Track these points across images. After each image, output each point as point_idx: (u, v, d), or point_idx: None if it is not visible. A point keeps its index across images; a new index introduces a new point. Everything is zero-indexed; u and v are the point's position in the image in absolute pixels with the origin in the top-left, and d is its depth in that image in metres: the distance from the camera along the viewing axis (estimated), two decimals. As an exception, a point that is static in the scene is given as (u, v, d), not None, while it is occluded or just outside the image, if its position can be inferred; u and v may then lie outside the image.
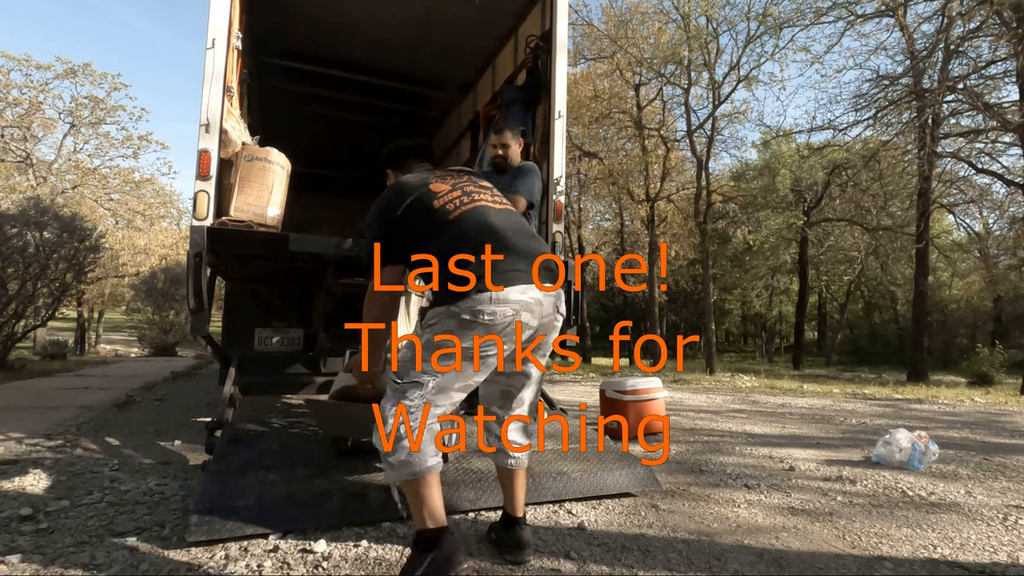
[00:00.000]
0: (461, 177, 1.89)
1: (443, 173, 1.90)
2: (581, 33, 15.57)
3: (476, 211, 1.73)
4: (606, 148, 17.96)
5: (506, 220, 1.76)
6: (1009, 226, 18.46)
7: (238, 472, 2.18)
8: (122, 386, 6.15)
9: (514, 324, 1.60)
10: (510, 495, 1.86)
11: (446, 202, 1.74)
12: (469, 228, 1.68)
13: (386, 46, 5.23)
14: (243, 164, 3.15)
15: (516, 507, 1.84)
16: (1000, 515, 2.36)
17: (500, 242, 1.65)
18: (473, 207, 1.74)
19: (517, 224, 1.79)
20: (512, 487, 1.85)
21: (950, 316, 26.95)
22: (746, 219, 23.03)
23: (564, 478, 2.39)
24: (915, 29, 12.55)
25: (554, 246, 3.63)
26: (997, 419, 5.38)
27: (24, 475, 2.60)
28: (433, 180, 1.82)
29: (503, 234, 1.68)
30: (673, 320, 33.76)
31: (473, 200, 1.77)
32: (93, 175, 19.07)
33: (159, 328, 14.00)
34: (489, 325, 1.57)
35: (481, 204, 1.77)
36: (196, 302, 2.80)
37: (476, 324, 1.57)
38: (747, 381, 9.64)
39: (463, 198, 1.77)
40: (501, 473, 1.88)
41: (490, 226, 1.69)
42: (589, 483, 2.41)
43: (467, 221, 1.70)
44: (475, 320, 1.56)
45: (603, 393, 4.12)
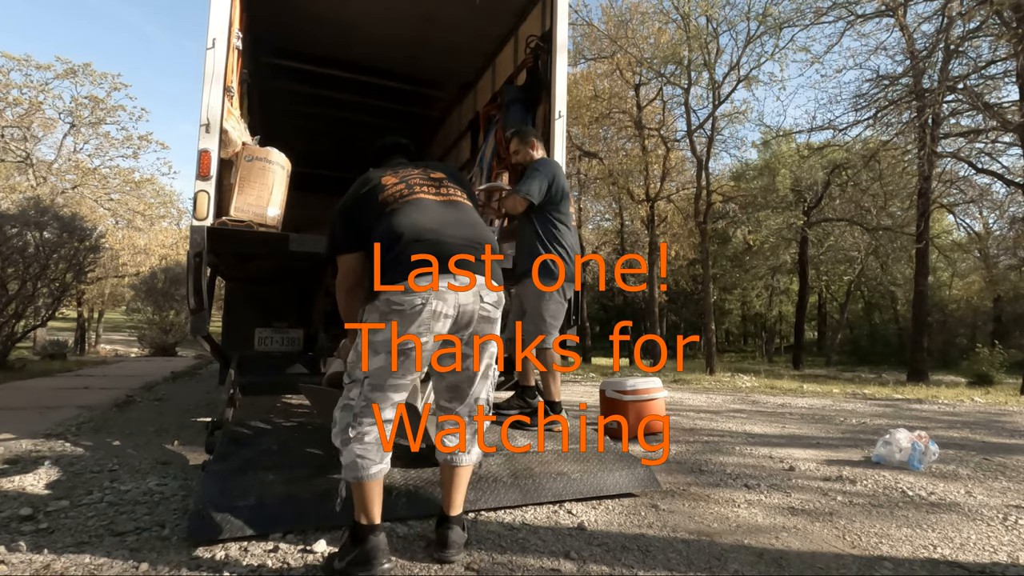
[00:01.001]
0: (414, 171, 1.94)
1: (402, 167, 1.97)
2: (581, 33, 15.58)
3: (411, 204, 1.79)
4: (606, 148, 17.95)
5: (440, 213, 1.80)
6: (1009, 226, 18.46)
7: (238, 472, 2.18)
8: (122, 386, 6.15)
9: (428, 313, 1.63)
10: (445, 491, 1.85)
11: (388, 195, 1.82)
12: (400, 221, 1.74)
13: (386, 46, 5.23)
14: (243, 164, 3.16)
15: (449, 505, 1.83)
16: (1000, 515, 2.36)
17: (423, 234, 1.71)
18: (409, 200, 1.80)
19: (452, 216, 1.82)
20: (449, 484, 1.84)
21: (950, 316, 26.94)
22: (746, 219, 23.02)
23: (564, 479, 2.38)
24: (915, 29, 12.56)
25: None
26: (997, 419, 5.38)
27: (24, 475, 2.59)
28: (388, 174, 1.91)
29: (429, 226, 1.73)
30: (673, 320, 33.74)
31: (413, 193, 1.83)
32: (93, 175, 19.06)
33: (159, 328, 13.99)
34: (400, 314, 1.62)
35: (418, 197, 1.82)
36: (196, 302, 2.80)
37: (390, 314, 1.64)
38: (747, 381, 9.64)
39: (404, 191, 1.83)
40: (441, 468, 1.87)
41: (417, 219, 1.75)
42: (589, 484, 2.41)
43: (399, 214, 1.76)
44: (389, 311, 1.64)
45: (603, 393, 4.12)
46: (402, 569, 1.71)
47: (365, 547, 1.63)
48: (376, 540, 1.64)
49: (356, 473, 1.65)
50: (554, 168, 3.18)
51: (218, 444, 2.44)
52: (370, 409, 1.67)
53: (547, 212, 3.12)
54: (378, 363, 1.67)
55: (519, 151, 3.34)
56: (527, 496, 2.26)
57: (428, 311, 1.63)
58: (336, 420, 1.73)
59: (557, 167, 3.22)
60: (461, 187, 1.98)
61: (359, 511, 1.67)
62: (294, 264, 3.77)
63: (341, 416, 1.71)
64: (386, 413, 1.70)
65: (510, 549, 1.88)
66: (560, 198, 3.13)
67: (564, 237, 3.12)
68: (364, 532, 1.65)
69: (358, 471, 1.65)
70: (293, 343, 4.31)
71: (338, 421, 1.72)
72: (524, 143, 3.33)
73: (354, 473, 1.65)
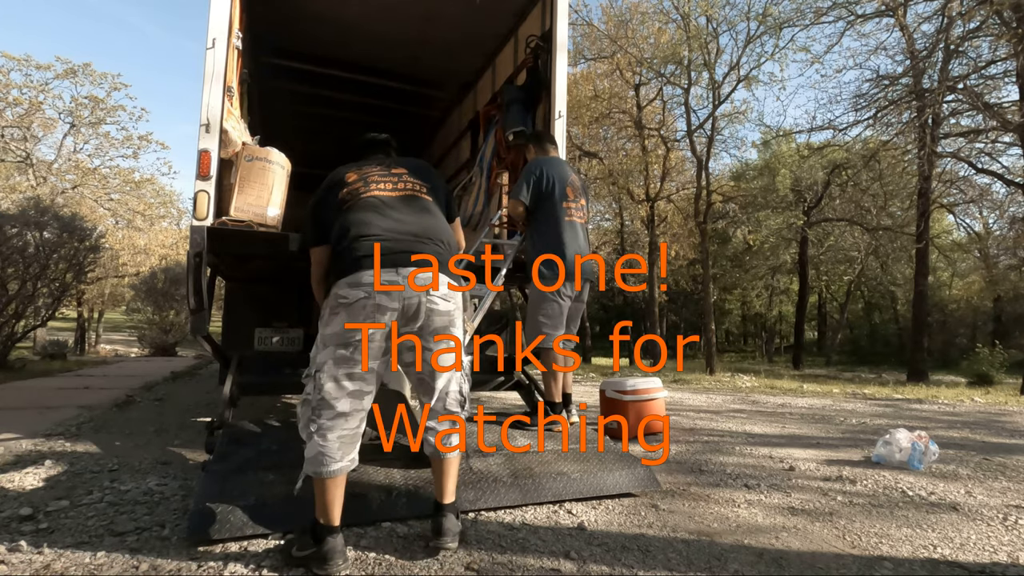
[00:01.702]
0: (376, 167, 1.98)
1: (366, 163, 2.01)
2: (581, 33, 15.57)
3: (363, 200, 1.85)
4: (606, 148, 17.94)
5: (393, 207, 1.85)
6: (1009, 226, 18.46)
7: (238, 472, 2.18)
8: (122, 386, 6.15)
9: (371, 307, 1.68)
10: (436, 481, 1.88)
11: (346, 193, 1.88)
12: (350, 218, 1.80)
13: (386, 46, 5.23)
14: (243, 164, 3.15)
15: (441, 493, 1.86)
16: (1000, 515, 2.36)
17: (370, 229, 1.76)
18: (363, 196, 1.85)
19: (406, 211, 1.86)
20: (436, 473, 1.88)
21: (950, 316, 26.94)
22: (746, 219, 23.02)
23: (564, 478, 2.38)
24: (915, 29, 12.55)
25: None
26: (997, 419, 5.38)
27: (24, 475, 2.60)
28: (352, 170, 1.96)
29: (377, 221, 1.79)
30: (673, 320, 33.73)
31: (369, 190, 1.88)
32: (93, 175, 19.06)
33: (159, 328, 13.99)
34: (347, 307, 1.68)
35: (373, 194, 1.87)
36: (196, 302, 2.80)
37: (337, 307, 1.70)
38: (747, 381, 9.64)
39: (360, 189, 1.88)
40: (431, 460, 1.91)
41: (366, 216, 1.80)
42: (589, 483, 2.41)
43: (352, 211, 1.82)
44: (336, 304, 1.70)
45: (603, 393, 4.12)
46: (402, 569, 1.71)
47: (323, 548, 1.64)
48: (334, 542, 1.65)
49: (315, 468, 1.67)
50: (541, 165, 3.16)
51: (218, 444, 2.44)
52: (327, 403, 1.69)
53: (547, 210, 3.11)
54: (327, 356, 1.71)
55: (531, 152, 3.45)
56: (527, 496, 2.26)
57: (372, 304, 1.68)
58: (299, 415, 1.77)
59: (545, 164, 3.19)
60: (424, 181, 2.00)
61: (319, 510, 1.69)
62: (294, 264, 3.76)
63: (302, 411, 1.76)
64: (340, 405, 1.70)
65: (510, 549, 1.88)
66: (556, 195, 3.11)
67: (565, 234, 3.10)
68: (323, 532, 1.66)
69: (317, 466, 1.67)
70: (293, 343, 4.31)
71: (300, 416, 1.76)
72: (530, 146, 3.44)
73: (314, 468, 1.68)
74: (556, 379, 3.12)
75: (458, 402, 1.89)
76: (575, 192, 3.22)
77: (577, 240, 3.17)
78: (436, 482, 1.89)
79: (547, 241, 3.10)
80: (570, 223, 3.15)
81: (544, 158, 3.28)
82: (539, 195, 3.10)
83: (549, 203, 3.12)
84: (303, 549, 1.68)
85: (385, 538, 1.93)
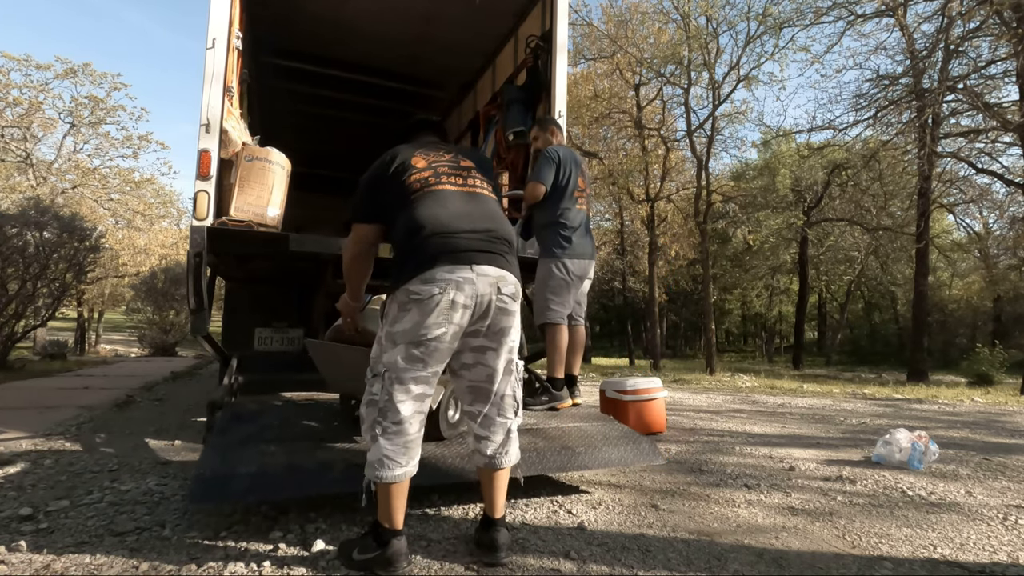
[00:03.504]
0: (444, 155, 1.90)
1: (433, 148, 1.93)
2: (581, 33, 15.57)
3: (433, 195, 1.77)
4: (606, 148, 17.94)
5: (462, 204, 1.79)
6: (1009, 226, 18.43)
7: (239, 445, 2.16)
8: (122, 386, 6.15)
9: (446, 303, 1.62)
10: (486, 495, 1.82)
11: (415, 180, 1.80)
12: (422, 213, 1.73)
13: (386, 46, 5.23)
14: (243, 164, 3.16)
15: (493, 508, 1.81)
16: (1000, 515, 2.36)
17: (443, 225, 1.70)
18: (433, 190, 1.78)
19: (474, 209, 1.80)
20: (490, 487, 1.81)
21: (950, 316, 26.94)
22: (746, 219, 23.02)
23: (568, 452, 2.37)
24: (915, 29, 12.55)
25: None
26: (997, 419, 5.38)
27: (24, 475, 2.60)
28: (418, 154, 1.87)
29: (449, 219, 1.72)
30: (673, 320, 33.74)
31: (440, 182, 1.81)
32: (93, 175, 19.05)
33: (159, 328, 13.99)
34: (419, 303, 1.62)
35: (443, 188, 1.80)
36: (196, 302, 2.80)
37: (409, 304, 1.63)
38: (747, 381, 9.65)
39: (431, 179, 1.81)
40: (479, 473, 1.85)
41: (438, 211, 1.73)
42: (593, 457, 2.40)
43: (422, 205, 1.75)
44: (408, 300, 1.63)
45: (603, 393, 4.12)
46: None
47: (387, 551, 1.63)
48: (398, 544, 1.64)
49: (378, 472, 1.62)
50: (559, 153, 3.19)
51: (219, 421, 2.43)
52: (394, 405, 1.63)
53: (559, 196, 3.14)
54: (396, 355, 1.64)
55: (539, 137, 3.42)
56: (530, 468, 2.24)
57: (446, 300, 1.61)
58: (363, 416, 1.71)
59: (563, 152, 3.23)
60: (487, 178, 1.95)
61: (382, 514, 1.65)
62: (294, 264, 3.77)
63: (367, 412, 1.69)
64: (406, 408, 1.65)
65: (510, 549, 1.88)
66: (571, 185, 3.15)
67: (571, 218, 3.13)
68: (387, 535, 1.64)
69: (381, 470, 1.62)
70: (293, 343, 4.31)
71: (365, 417, 1.70)
72: (543, 130, 3.41)
73: (376, 472, 1.63)
74: (560, 357, 3.09)
75: (512, 408, 1.83)
76: (585, 182, 3.29)
77: (587, 229, 3.24)
78: (488, 496, 1.81)
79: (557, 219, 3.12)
80: (579, 211, 3.20)
81: (561, 147, 3.32)
82: (556, 182, 3.14)
83: (563, 191, 3.16)
84: (365, 552, 1.66)
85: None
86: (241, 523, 2.04)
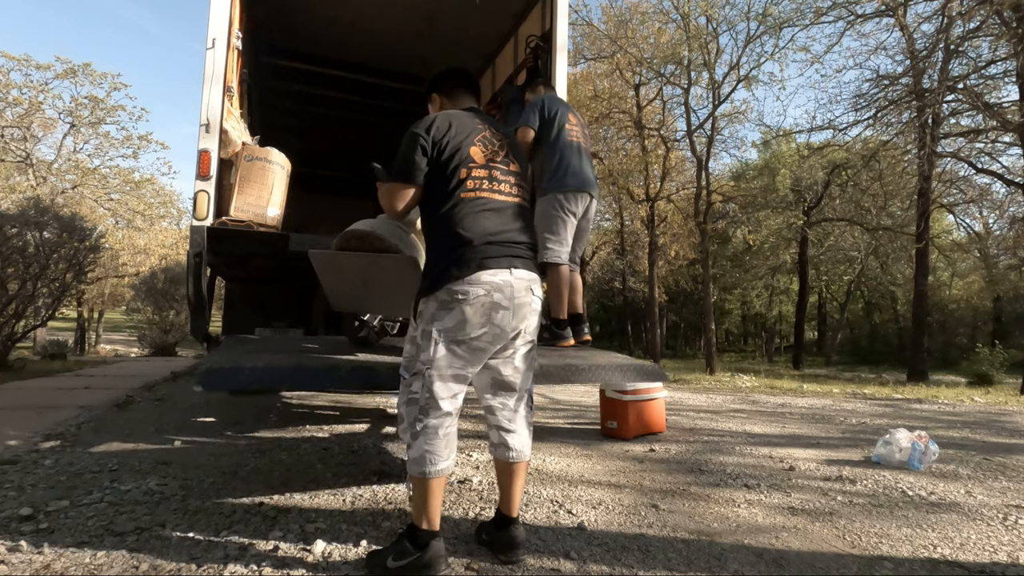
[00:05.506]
0: (499, 152, 1.87)
1: (490, 138, 1.87)
2: (581, 33, 15.56)
3: (486, 202, 1.78)
4: (606, 148, 17.94)
5: (510, 218, 1.82)
6: (1009, 226, 18.41)
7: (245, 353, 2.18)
8: (122, 386, 6.15)
9: (488, 304, 1.67)
10: (506, 493, 1.82)
11: (469, 177, 1.78)
12: (474, 220, 1.74)
13: (386, 46, 5.23)
14: (243, 164, 3.16)
15: (512, 506, 1.82)
16: (1000, 515, 2.36)
17: (491, 235, 1.74)
18: (486, 198, 1.79)
19: (517, 221, 1.84)
20: (510, 484, 1.81)
21: (950, 316, 26.92)
22: (746, 219, 23.01)
23: (571, 368, 2.34)
24: (915, 29, 12.54)
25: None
26: (997, 419, 5.38)
27: (24, 475, 2.60)
28: (478, 141, 1.83)
29: (495, 229, 1.75)
30: (673, 320, 33.72)
31: (493, 190, 1.81)
32: (93, 175, 19.08)
33: (159, 328, 13.99)
34: (463, 303, 1.65)
35: (495, 198, 1.80)
36: (196, 302, 2.80)
37: (452, 303, 1.66)
38: (747, 381, 9.64)
39: (484, 183, 1.80)
40: (499, 467, 1.85)
41: (487, 225, 1.75)
42: (595, 374, 2.38)
43: (476, 211, 1.75)
44: (452, 299, 1.66)
45: (603, 393, 4.12)
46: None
47: (426, 554, 1.62)
48: (437, 546, 1.65)
49: (422, 468, 1.63)
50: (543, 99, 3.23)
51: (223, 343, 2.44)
52: (435, 402, 1.66)
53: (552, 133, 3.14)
54: (440, 352, 1.66)
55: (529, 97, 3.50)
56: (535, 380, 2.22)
57: (490, 302, 1.67)
58: (403, 415, 1.73)
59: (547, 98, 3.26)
60: (527, 185, 1.98)
61: (420, 515, 1.65)
62: (294, 264, 3.77)
63: (407, 411, 1.71)
64: (445, 404, 1.67)
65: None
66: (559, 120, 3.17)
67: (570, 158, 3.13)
68: (425, 537, 1.64)
69: (425, 465, 1.63)
70: None
71: (405, 416, 1.72)
72: (532, 89, 3.50)
73: (420, 468, 1.63)
74: (562, 298, 3.06)
75: (531, 404, 1.89)
76: (576, 119, 3.30)
77: (582, 159, 3.21)
78: (506, 492, 1.82)
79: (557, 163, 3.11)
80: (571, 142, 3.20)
81: (546, 95, 3.34)
82: (544, 122, 3.16)
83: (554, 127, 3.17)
84: (401, 557, 1.63)
85: (385, 539, 1.93)
86: (241, 523, 2.04)
